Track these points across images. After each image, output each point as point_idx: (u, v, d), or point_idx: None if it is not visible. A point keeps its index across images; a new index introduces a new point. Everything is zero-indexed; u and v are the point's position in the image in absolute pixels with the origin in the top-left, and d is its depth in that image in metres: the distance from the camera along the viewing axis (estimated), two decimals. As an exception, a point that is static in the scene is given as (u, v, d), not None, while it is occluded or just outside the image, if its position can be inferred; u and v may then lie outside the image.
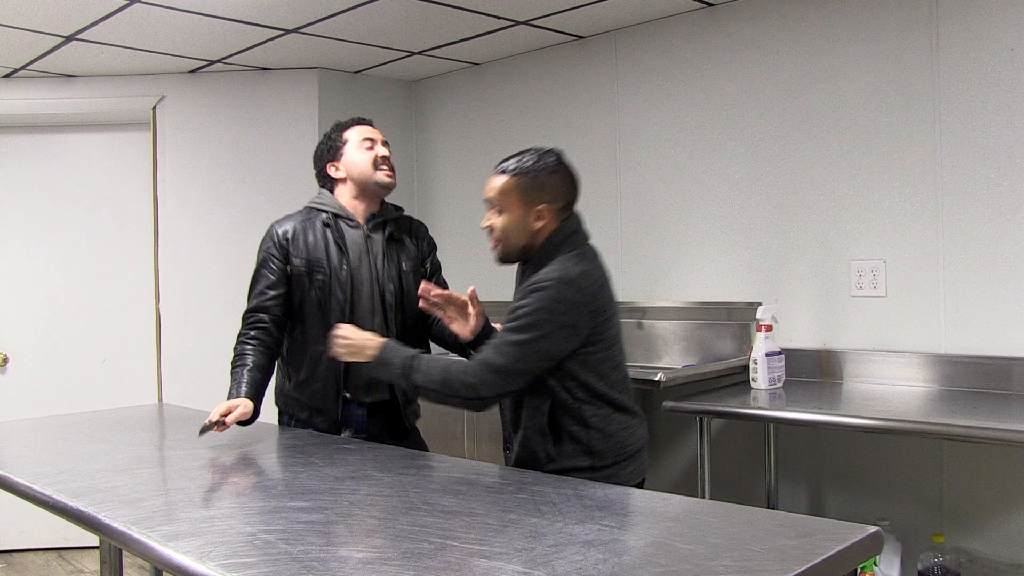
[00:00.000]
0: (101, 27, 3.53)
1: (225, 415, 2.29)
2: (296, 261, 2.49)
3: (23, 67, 4.10)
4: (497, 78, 4.37)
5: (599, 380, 2.07)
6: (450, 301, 2.28)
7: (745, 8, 3.44)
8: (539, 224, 2.10)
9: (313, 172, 2.67)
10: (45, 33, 3.59)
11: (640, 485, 2.19)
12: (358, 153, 2.56)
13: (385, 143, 2.61)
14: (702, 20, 3.57)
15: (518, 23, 3.71)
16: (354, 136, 2.58)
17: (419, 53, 4.18)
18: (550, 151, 2.17)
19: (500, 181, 2.12)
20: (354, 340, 2.18)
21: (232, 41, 3.83)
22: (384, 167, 2.56)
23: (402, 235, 2.63)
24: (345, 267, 2.48)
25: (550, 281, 1.99)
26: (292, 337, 2.54)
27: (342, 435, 2.48)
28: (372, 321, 2.48)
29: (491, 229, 2.15)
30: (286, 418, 2.59)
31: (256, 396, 2.39)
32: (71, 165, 4.50)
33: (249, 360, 2.43)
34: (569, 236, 2.11)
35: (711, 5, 3.52)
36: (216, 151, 4.37)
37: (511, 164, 2.12)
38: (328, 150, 2.60)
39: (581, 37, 3.96)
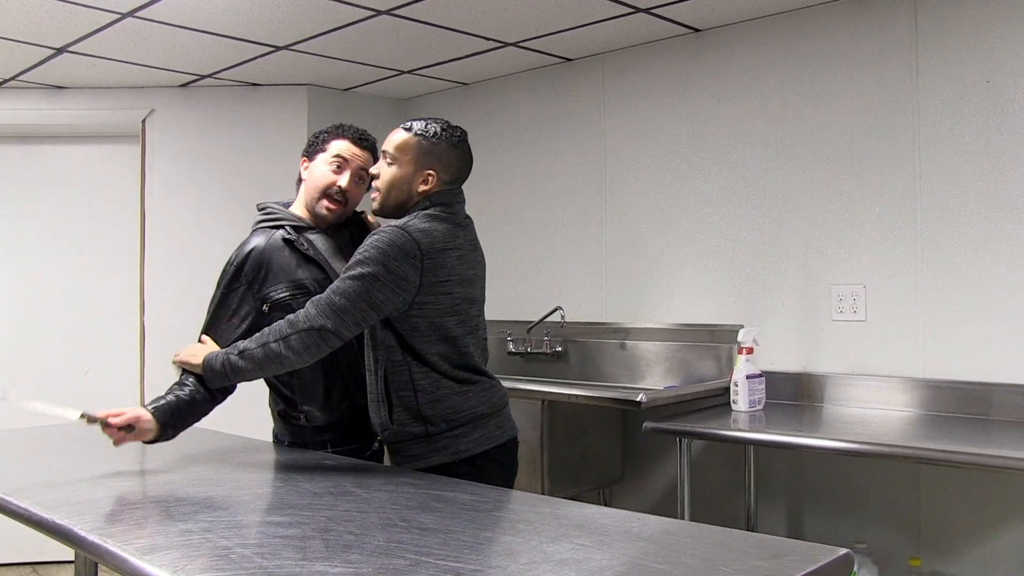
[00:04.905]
0: (92, 40, 3.54)
1: (115, 417, 2.10)
2: (277, 295, 2.27)
3: (13, 78, 4.11)
4: (485, 98, 4.40)
5: (427, 347, 2.12)
6: None
7: (731, 34, 3.48)
8: (423, 188, 2.17)
9: None
10: (36, 45, 3.60)
11: (504, 448, 2.22)
12: (322, 168, 2.36)
13: (362, 170, 2.36)
14: (688, 45, 3.61)
15: (507, 44, 3.75)
16: (334, 148, 2.36)
17: (408, 72, 4.21)
18: (457, 127, 2.25)
19: (401, 136, 2.20)
20: (190, 351, 2.22)
21: (223, 56, 3.86)
22: (335, 198, 2.33)
23: (358, 231, 2.48)
24: (328, 277, 2.29)
25: (389, 228, 2.08)
26: (299, 374, 2.28)
27: (375, 444, 2.39)
28: None
29: (375, 178, 2.22)
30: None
31: (167, 417, 2.15)
32: (59, 176, 4.50)
33: (187, 389, 2.20)
34: (437, 203, 2.17)
35: (697, 31, 3.56)
36: (205, 165, 4.38)
37: (418, 125, 2.20)
38: (310, 145, 2.42)
39: (569, 59, 4.00)
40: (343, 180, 2.34)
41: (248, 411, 2.70)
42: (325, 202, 2.35)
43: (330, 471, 2.12)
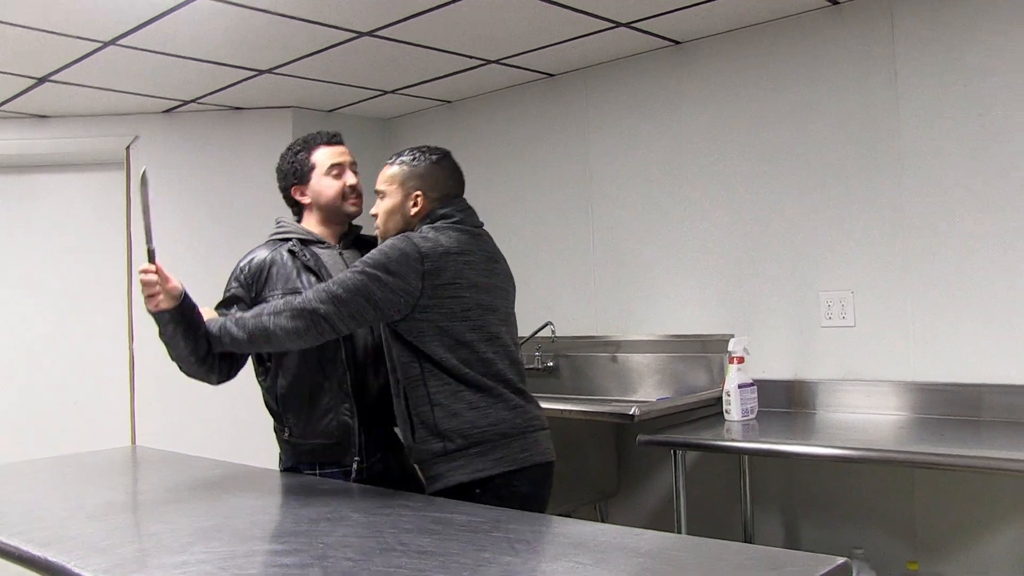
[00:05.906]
0: (75, 69, 3.54)
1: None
2: (272, 297, 2.31)
3: (-5, 108, 4.10)
4: (470, 115, 4.41)
5: (441, 351, 2.13)
6: None
7: (712, 46, 3.51)
8: (415, 210, 2.26)
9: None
10: (17, 75, 3.59)
11: (525, 473, 2.17)
12: (326, 181, 2.44)
13: (353, 164, 2.50)
14: (670, 57, 3.64)
15: (489, 62, 3.76)
16: (322, 160, 2.44)
17: (392, 92, 4.22)
18: (439, 149, 2.34)
19: (387, 170, 2.31)
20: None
21: (206, 81, 3.85)
22: (352, 195, 2.47)
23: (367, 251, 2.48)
24: None
25: (397, 236, 2.17)
26: (284, 379, 2.35)
27: (354, 464, 2.33)
28: (372, 336, 2.37)
29: (375, 216, 2.32)
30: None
31: (188, 303, 2.28)
32: (44, 205, 4.48)
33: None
34: (439, 218, 2.24)
35: (678, 43, 3.58)
36: (190, 191, 4.37)
37: (399, 156, 2.30)
38: (294, 173, 2.46)
39: (551, 75, 4.01)
40: (351, 179, 2.47)
41: (252, 439, 2.69)
42: (348, 204, 2.46)
43: (326, 496, 2.11)
